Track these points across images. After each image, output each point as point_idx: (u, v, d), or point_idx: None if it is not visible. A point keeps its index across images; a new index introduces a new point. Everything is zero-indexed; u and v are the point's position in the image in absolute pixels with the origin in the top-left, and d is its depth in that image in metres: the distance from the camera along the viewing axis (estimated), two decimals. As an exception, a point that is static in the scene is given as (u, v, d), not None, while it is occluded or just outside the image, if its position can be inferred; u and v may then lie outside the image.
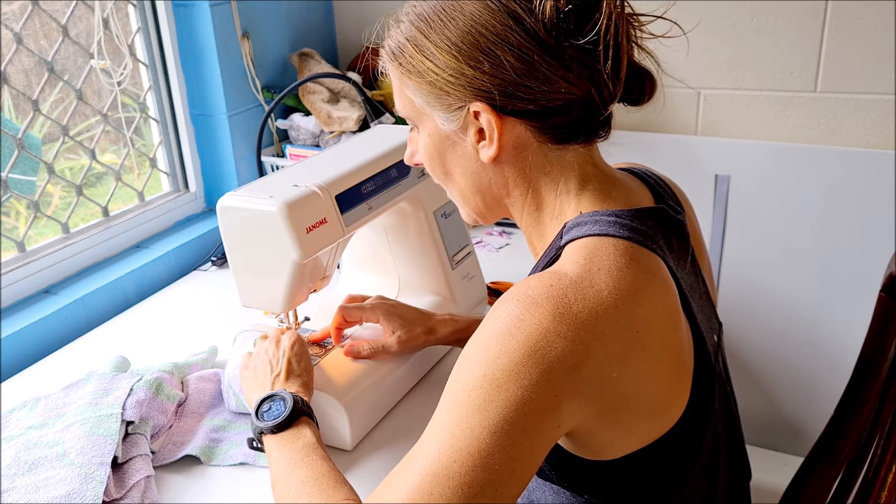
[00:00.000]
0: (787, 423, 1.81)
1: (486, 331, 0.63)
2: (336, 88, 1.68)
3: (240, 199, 0.92)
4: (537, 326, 0.61)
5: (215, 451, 0.96)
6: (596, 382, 0.62)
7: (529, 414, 0.60)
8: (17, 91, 1.32)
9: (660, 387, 0.67)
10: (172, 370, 1.05)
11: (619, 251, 0.66)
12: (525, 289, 0.64)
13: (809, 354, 1.72)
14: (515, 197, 0.76)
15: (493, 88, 0.68)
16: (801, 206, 1.63)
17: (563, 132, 0.71)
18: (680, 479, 0.72)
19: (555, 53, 0.67)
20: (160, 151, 1.64)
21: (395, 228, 1.17)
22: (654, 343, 0.65)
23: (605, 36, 0.66)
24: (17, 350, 1.22)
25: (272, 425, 0.82)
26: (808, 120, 1.60)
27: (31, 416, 1.00)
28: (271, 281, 0.95)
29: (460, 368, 0.64)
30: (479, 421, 0.60)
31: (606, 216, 0.69)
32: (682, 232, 0.77)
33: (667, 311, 0.67)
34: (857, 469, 0.91)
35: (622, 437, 0.68)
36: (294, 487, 0.74)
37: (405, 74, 0.73)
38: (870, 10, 1.47)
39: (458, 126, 0.72)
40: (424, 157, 0.79)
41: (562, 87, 0.67)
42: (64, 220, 1.41)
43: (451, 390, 0.63)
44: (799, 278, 1.68)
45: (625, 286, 0.64)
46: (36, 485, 0.85)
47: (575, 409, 0.62)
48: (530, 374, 0.60)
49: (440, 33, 0.69)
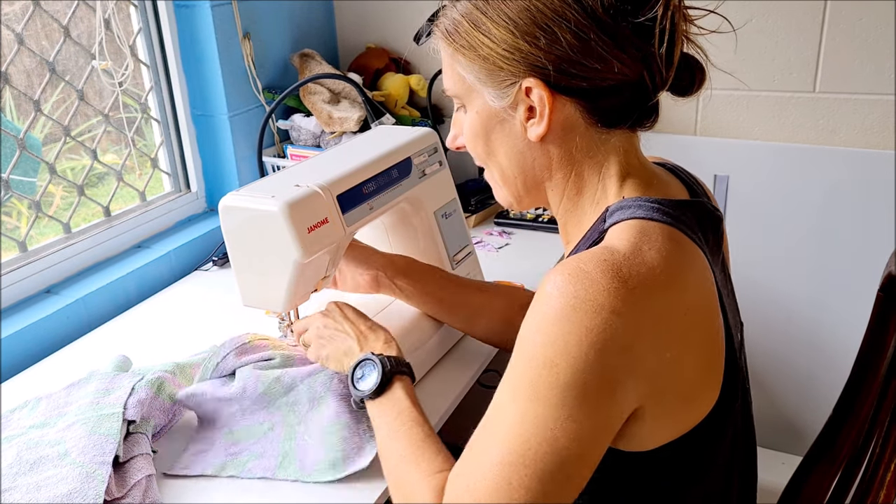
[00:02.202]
0: (786, 422, 1.81)
1: (541, 310, 0.63)
2: (337, 89, 1.68)
3: (241, 198, 0.93)
4: (592, 303, 0.60)
5: (232, 464, 0.93)
6: (648, 363, 0.63)
7: (591, 395, 0.61)
8: (19, 91, 1.33)
9: (697, 375, 0.68)
10: (174, 370, 1.06)
11: (665, 234, 0.66)
12: (577, 262, 0.63)
13: (808, 353, 1.73)
14: (557, 180, 0.76)
15: (547, 64, 0.68)
16: (800, 206, 1.63)
17: (611, 115, 0.71)
18: (701, 475, 0.73)
19: (611, 32, 0.67)
20: (161, 152, 1.64)
21: (396, 228, 1.17)
22: (697, 329, 0.66)
23: (662, 19, 0.66)
24: (18, 350, 1.23)
25: (367, 393, 0.85)
26: (808, 120, 1.60)
27: (32, 416, 1.00)
28: (273, 280, 0.95)
29: (519, 353, 0.64)
30: (544, 409, 0.61)
31: (650, 202, 0.70)
32: (718, 227, 0.78)
33: (706, 300, 0.68)
34: (856, 468, 0.91)
35: (660, 427, 0.69)
36: (394, 462, 0.78)
37: (458, 51, 0.74)
38: (869, 11, 1.48)
39: (509, 103, 0.72)
40: (468, 136, 0.79)
41: (615, 66, 0.67)
42: (65, 220, 1.41)
43: (513, 376, 0.64)
44: (798, 278, 1.68)
45: (674, 267, 0.64)
46: (37, 484, 0.85)
47: (630, 391, 0.63)
48: (588, 356, 0.60)
49: (497, 9, 0.70)
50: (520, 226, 1.68)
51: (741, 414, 0.78)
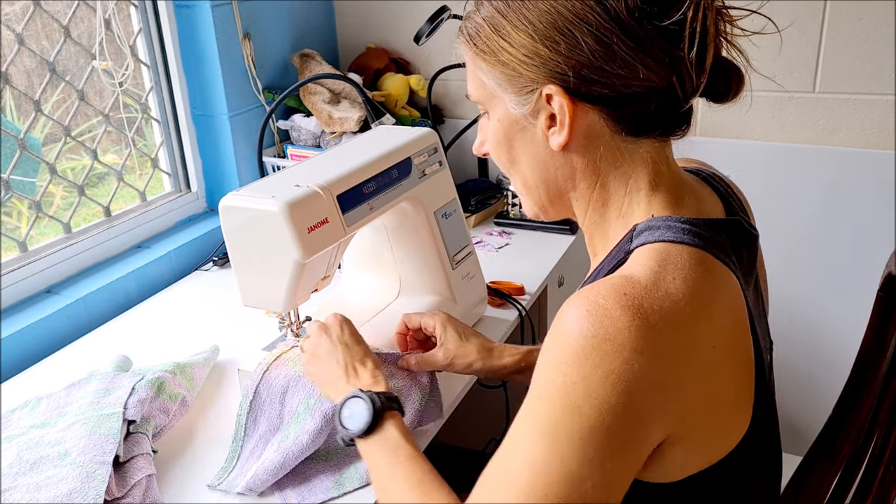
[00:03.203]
0: (786, 422, 1.81)
1: (559, 348, 0.60)
2: (337, 89, 1.68)
3: (242, 198, 0.93)
4: (612, 343, 0.58)
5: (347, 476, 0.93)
6: (677, 398, 0.60)
7: (615, 436, 0.58)
8: (19, 91, 1.33)
9: (728, 404, 0.65)
10: (174, 370, 1.06)
11: (693, 260, 0.63)
12: (595, 296, 0.60)
13: (808, 353, 1.73)
14: (581, 190, 0.73)
15: (567, 70, 0.65)
16: (800, 206, 1.63)
17: (638, 123, 0.68)
18: (729, 501, 0.70)
19: (635, 36, 0.63)
20: (162, 152, 1.64)
21: (396, 228, 1.17)
22: (727, 358, 0.63)
23: (692, 22, 0.63)
24: (18, 350, 1.23)
25: (357, 433, 0.81)
26: (808, 120, 1.60)
27: (32, 416, 1.00)
28: (273, 280, 0.95)
29: (538, 393, 0.61)
30: (568, 450, 0.58)
31: (680, 223, 0.66)
32: (753, 247, 0.74)
33: (737, 328, 0.65)
34: (856, 468, 0.91)
35: (689, 459, 0.66)
36: (395, 497, 0.75)
37: (479, 55, 0.71)
38: (869, 11, 1.48)
39: (529, 110, 0.69)
40: (492, 144, 0.76)
41: (640, 72, 0.64)
42: (66, 220, 1.41)
43: (533, 415, 0.61)
44: (798, 278, 1.68)
45: (701, 297, 0.61)
46: (38, 484, 0.85)
47: (659, 426, 0.60)
48: (610, 398, 0.57)
49: (518, 12, 0.67)
50: (520, 226, 1.68)
51: (770, 436, 0.76)
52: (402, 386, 0.99)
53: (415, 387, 0.99)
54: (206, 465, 0.95)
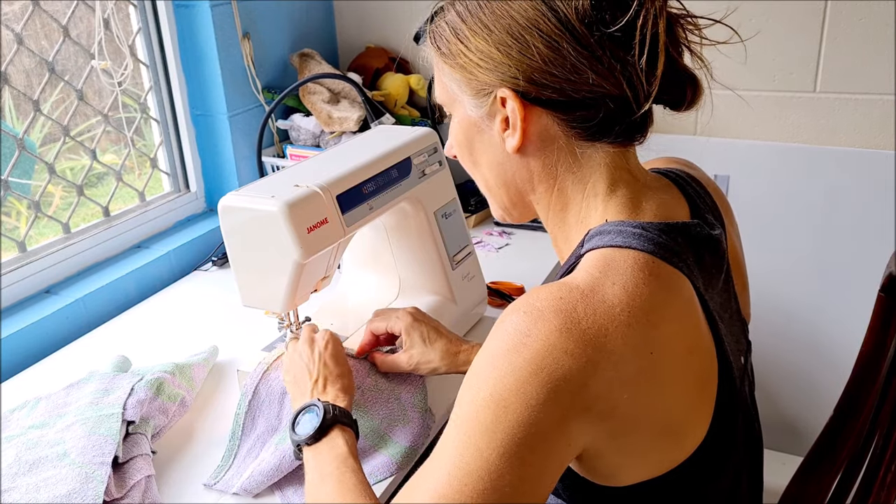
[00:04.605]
0: (787, 423, 1.81)
1: (493, 346, 0.62)
2: (336, 89, 1.68)
3: (241, 198, 0.92)
4: (544, 342, 0.59)
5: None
6: (604, 402, 0.60)
7: (538, 434, 0.59)
8: (18, 91, 1.33)
9: (674, 413, 0.65)
10: (174, 370, 1.06)
11: (637, 265, 0.63)
12: (534, 300, 0.62)
13: (809, 354, 1.73)
14: (540, 193, 0.74)
15: (518, 74, 0.66)
16: (800, 206, 1.63)
17: (592, 129, 0.68)
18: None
19: (585, 42, 0.64)
20: (161, 152, 1.64)
21: (396, 228, 1.17)
22: (669, 366, 0.63)
23: (643, 29, 0.63)
24: (17, 350, 1.23)
25: (305, 438, 0.82)
26: (808, 120, 1.60)
27: (31, 416, 1.00)
28: (272, 281, 0.95)
29: (468, 386, 0.62)
30: (488, 443, 0.59)
31: (632, 227, 0.67)
32: (716, 249, 0.73)
33: (685, 334, 0.64)
34: (857, 469, 0.91)
35: (633, 463, 0.66)
36: (322, 498, 0.76)
37: (440, 58, 0.73)
38: (869, 11, 1.48)
39: (485, 112, 0.71)
40: (455, 145, 0.78)
41: (590, 78, 0.65)
42: (65, 220, 1.41)
43: (460, 409, 0.62)
44: (799, 278, 1.68)
45: (639, 304, 0.61)
46: (37, 484, 0.85)
47: (584, 428, 0.61)
48: (537, 394, 0.58)
49: (476, 17, 0.68)
50: (520, 226, 1.68)
51: (743, 444, 0.75)
52: (395, 409, 0.99)
53: (408, 408, 1.00)
54: (205, 465, 0.95)
